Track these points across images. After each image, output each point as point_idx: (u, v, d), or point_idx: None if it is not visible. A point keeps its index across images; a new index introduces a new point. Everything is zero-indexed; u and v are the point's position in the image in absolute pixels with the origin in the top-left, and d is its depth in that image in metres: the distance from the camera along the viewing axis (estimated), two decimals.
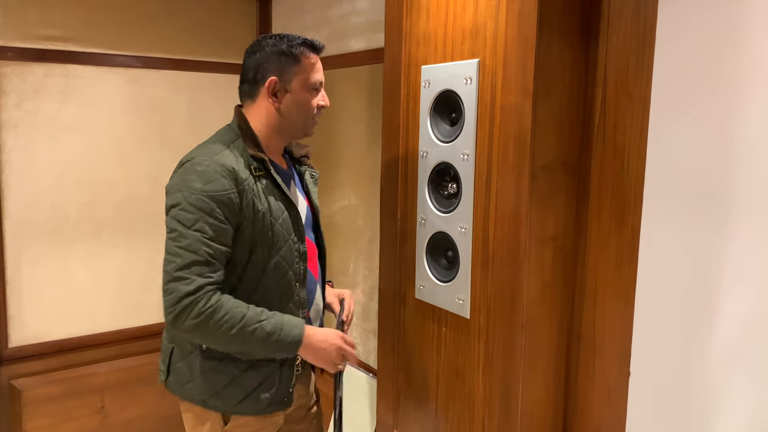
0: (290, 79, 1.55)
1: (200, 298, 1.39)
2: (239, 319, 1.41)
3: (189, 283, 1.39)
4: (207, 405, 1.56)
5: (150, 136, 2.73)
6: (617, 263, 1.42)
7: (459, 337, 1.60)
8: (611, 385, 1.45)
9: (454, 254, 1.61)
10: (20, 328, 2.53)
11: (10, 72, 2.41)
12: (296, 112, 1.57)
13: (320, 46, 1.60)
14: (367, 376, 2.31)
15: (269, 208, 1.52)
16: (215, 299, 1.40)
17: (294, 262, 1.57)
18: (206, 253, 1.41)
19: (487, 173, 1.48)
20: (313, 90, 1.58)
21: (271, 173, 1.55)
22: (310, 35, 2.61)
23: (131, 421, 2.77)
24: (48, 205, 2.53)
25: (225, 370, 1.54)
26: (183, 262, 1.40)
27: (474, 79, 1.49)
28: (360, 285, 2.43)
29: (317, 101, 1.60)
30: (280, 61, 1.54)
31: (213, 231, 1.42)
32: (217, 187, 1.43)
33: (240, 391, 1.54)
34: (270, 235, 1.51)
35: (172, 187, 1.48)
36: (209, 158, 1.46)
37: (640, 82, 1.35)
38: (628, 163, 1.38)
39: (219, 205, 1.42)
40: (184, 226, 1.41)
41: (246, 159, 1.51)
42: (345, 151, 2.48)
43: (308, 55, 1.56)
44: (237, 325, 1.41)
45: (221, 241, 1.43)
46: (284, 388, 1.60)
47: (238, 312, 1.42)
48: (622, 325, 1.42)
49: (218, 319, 1.40)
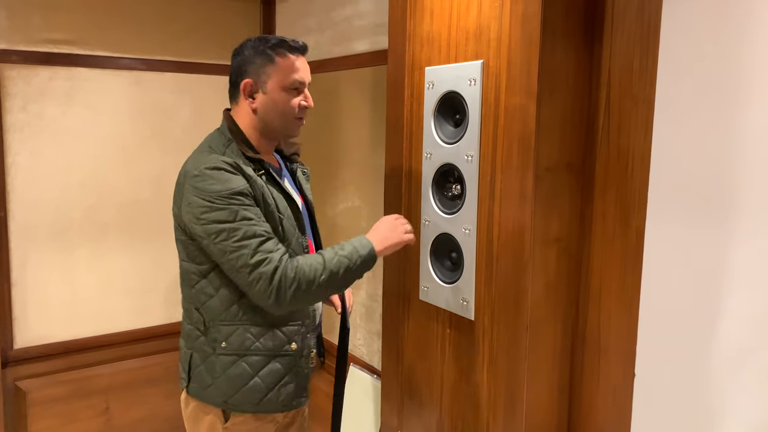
0: (266, 80, 1.57)
1: (285, 268, 1.44)
2: (323, 265, 1.47)
3: (268, 262, 1.43)
4: (228, 406, 1.57)
5: (153, 138, 2.74)
6: (622, 265, 1.42)
7: (463, 338, 1.60)
8: (616, 387, 1.45)
9: (458, 255, 1.61)
10: (25, 329, 2.54)
11: (15, 75, 2.42)
12: (273, 112, 1.58)
13: (299, 45, 1.59)
14: (371, 377, 2.31)
15: (276, 204, 1.55)
16: (294, 263, 1.46)
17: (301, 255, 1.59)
18: (264, 232, 1.46)
19: (491, 174, 1.48)
20: (292, 90, 1.58)
21: (270, 172, 1.57)
22: (314, 37, 2.64)
23: (136, 422, 2.78)
24: (53, 207, 2.54)
25: (244, 369, 1.55)
26: (251, 248, 1.43)
27: (478, 80, 1.49)
28: (363, 287, 2.43)
29: (298, 101, 1.59)
30: (256, 63, 1.57)
31: (254, 214, 1.46)
32: (235, 184, 1.47)
33: (262, 387, 1.56)
34: (280, 230, 1.54)
35: (191, 202, 1.48)
36: (215, 162, 1.48)
37: (644, 83, 1.35)
38: (633, 165, 1.38)
39: (243, 197, 1.46)
40: (230, 222, 1.44)
41: (243, 161, 1.53)
42: (348, 153, 2.48)
43: (285, 55, 1.56)
44: (325, 272, 1.47)
45: (263, 220, 1.48)
46: (303, 380, 1.63)
47: (317, 261, 1.48)
48: (627, 327, 1.41)
49: (309, 276, 1.45)
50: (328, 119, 2.59)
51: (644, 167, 1.35)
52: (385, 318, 1.90)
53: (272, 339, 1.56)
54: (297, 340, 1.59)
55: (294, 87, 1.57)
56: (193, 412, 1.63)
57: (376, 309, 2.35)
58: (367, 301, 2.42)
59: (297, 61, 1.58)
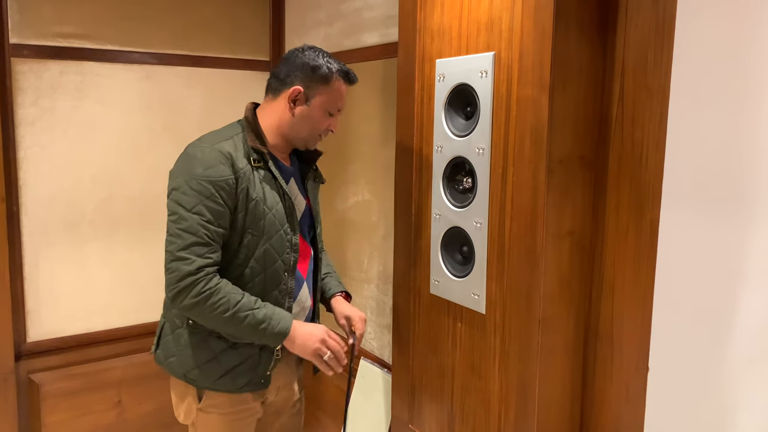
0: (314, 95, 1.62)
1: (200, 279, 1.48)
2: (234, 304, 1.50)
3: (190, 263, 1.48)
4: (187, 379, 1.64)
5: (164, 132, 2.74)
6: (636, 258, 1.40)
7: (474, 332, 1.59)
8: (629, 382, 1.44)
9: (469, 249, 1.60)
10: (38, 323, 2.55)
11: (27, 69, 2.43)
12: (306, 125, 1.65)
13: (354, 79, 1.68)
14: (382, 371, 2.30)
15: (264, 198, 1.58)
16: (214, 282, 1.50)
17: (284, 251, 1.62)
18: (205, 235, 1.50)
19: (503, 167, 1.47)
20: (330, 114, 1.65)
21: (270, 167, 1.61)
22: (324, 30, 2.63)
23: (148, 415, 2.79)
24: (65, 202, 2.55)
25: (207, 346, 1.61)
26: (184, 243, 1.49)
27: (489, 72, 1.47)
28: (374, 281, 2.42)
29: (328, 123, 1.67)
30: (313, 75, 1.61)
31: (211, 214, 1.50)
32: (217, 172, 1.52)
33: (219, 368, 1.61)
34: (262, 224, 1.58)
35: (174, 171, 1.57)
36: (210, 146, 1.55)
37: (659, 74, 1.33)
38: (647, 157, 1.36)
39: (218, 190, 1.51)
40: (185, 209, 1.51)
41: (246, 150, 1.59)
42: (359, 147, 2.47)
43: (340, 81, 1.64)
44: (231, 310, 1.50)
45: (219, 224, 1.52)
46: (262, 370, 1.65)
47: (234, 298, 1.51)
48: (641, 321, 1.40)
49: (215, 301, 1.49)
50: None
51: (659, 159, 1.33)
52: (396, 311, 1.89)
53: None
54: None
55: (332, 113, 1.65)
56: (176, 389, 1.71)
57: (386, 302, 2.34)
58: (378, 295, 2.41)
59: (345, 90, 1.66)
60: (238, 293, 1.53)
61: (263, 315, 1.53)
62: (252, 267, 1.59)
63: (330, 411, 2.67)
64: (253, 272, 1.59)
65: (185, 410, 1.69)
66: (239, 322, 1.51)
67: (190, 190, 1.50)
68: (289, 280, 1.64)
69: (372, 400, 2.32)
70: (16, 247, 2.46)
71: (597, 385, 1.51)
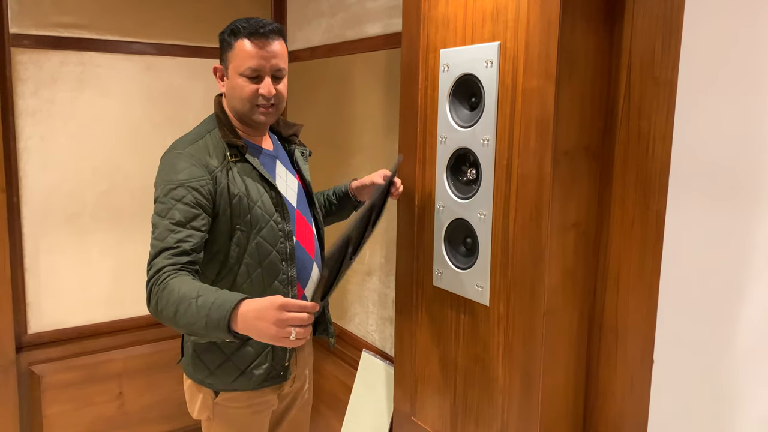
0: (227, 66, 1.59)
1: (156, 281, 1.37)
2: (176, 297, 1.31)
3: (150, 269, 1.41)
4: (205, 384, 1.62)
5: (166, 124, 2.72)
6: (641, 249, 1.39)
7: (478, 324, 1.59)
8: (634, 374, 1.43)
9: (473, 241, 1.59)
10: (39, 315, 2.55)
11: (27, 60, 2.42)
12: (234, 97, 1.59)
13: (262, 30, 1.52)
14: (384, 363, 2.30)
15: (246, 192, 1.55)
16: (168, 280, 1.35)
17: (278, 241, 1.60)
18: (173, 239, 1.42)
19: (508, 159, 1.46)
20: (246, 77, 1.54)
21: (248, 159, 1.58)
22: (326, 20, 2.61)
23: (149, 406, 2.79)
24: (65, 193, 2.54)
25: (217, 349, 1.60)
26: (154, 251, 1.43)
27: (495, 62, 1.46)
28: (376, 273, 2.42)
29: (256, 88, 1.55)
30: (222, 46, 1.60)
31: (182, 215, 1.44)
32: (188, 175, 1.48)
33: (234, 370, 1.60)
34: (249, 218, 1.55)
35: (155, 183, 1.54)
36: (182, 149, 1.53)
37: (667, 65, 1.32)
38: (653, 148, 1.35)
39: (189, 191, 1.47)
40: (160, 217, 1.46)
41: (221, 147, 1.56)
42: (362, 138, 2.46)
43: (241, 41, 1.54)
44: (173, 304, 1.31)
45: (191, 225, 1.45)
46: (279, 362, 1.64)
47: (178, 290, 1.31)
48: (646, 313, 1.39)
49: (165, 299, 1.33)
50: (341, 104, 2.57)
51: (665, 150, 1.32)
52: (398, 303, 1.89)
53: None
54: None
55: (245, 74, 1.54)
56: (189, 389, 1.69)
57: (389, 294, 2.34)
58: (380, 287, 2.40)
59: (253, 46, 1.53)
60: (188, 285, 1.32)
61: (202, 303, 1.28)
62: (247, 263, 1.56)
63: (331, 403, 2.67)
64: (249, 268, 1.57)
65: (200, 406, 1.67)
66: (183, 317, 1.30)
67: (164, 197, 1.47)
68: (289, 268, 1.62)
69: (374, 393, 2.31)
70: (16, 239, 2.45)
71: (601, 378, 1.51)
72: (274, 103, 1.59)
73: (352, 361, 2.53)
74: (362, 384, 2.38)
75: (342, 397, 2.55)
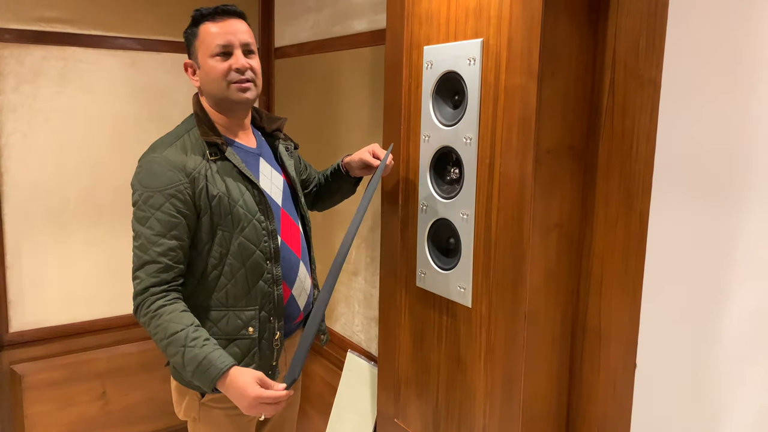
0: (197, 56, 1.57)
1: (145, 300, 1.45)
2: (168, 335, 1.43)
3: (138, 283, 1.46)
4: (191, 386, 1.60)
5: (150, 120, 2.69)
6: (625, 251, 1.37)
7: (460, 326, 1.56)
8: (617, 377, 1.41)
9: (455, 241, 1.56)
10: (21, 313, 2.52)
11: (8, 54, 2.38)
12: (211, 83, 1.56)
13: (215, 11, 1.55)
14: (369, 364, 2.28)
15: (227, 191, 1.53)
16: (157, 305, 1.44)
17: (261, 240, 1.57)
18: (155, 252, 1.45)
19: (491, 158, 1.44)
20: (219, 56, 1.53)
21: (228, 158, 1.55)
22: (313, 16, 2.58)
23: (132, 406, 2.76)
24: (47, 190, 2.51)
25: None
26: (138, 261, 1.47)
27: (477, 59, 1.44)
28: (362, 273, 2.39)
29: (228, 65, 1.53)
30: (186, 40, 1.59)
31: (162, 226, 1.46)
32: (165, 181, 1.47)
33: None
34: (230, 218, 1.53)
35: (132, 185, 1.53)
36: (159, 154, 1.51)
37: (651, 63, 1.29)
38: (637, 148, 1.33)
39: (168, 198, 1.46)
40: (140, 225, 1.48)
41: (200, 146, 1.53)
42: (347, 135, 2.43)
43: (204, 25, 1.56)
44: (165, 340, 1.43)
45: (172, 235, 1.47)
46: (266, 362, 1.61)
47: (171, 328, 1.43)
48: (629, 316, 1.37)
49: (154, 326, 1.44)
50: (327, 101, 2.54)
51: (649, 150, 1.30)
52: (382, 304, 1.86)
53: (228, 323, 1.56)
54: (254, 325, 1.57)
55: (219, 53, 1.53)
56: (176, 390, 1.66)
57: (374, 295, 2.31)
58: (366, 287, 2.38)
59: (216, 27, 1.54)
60: (180, 323, 1.43)
61: (193, 356, 1.40)
62: (230, 264, 1.54)
63: (317, 403, 2.64)
64: (232, 269, 1.54)
65: (186, 406, 1.65)
66: (171, 356, 1.43)
67: (143, 204, 1.47)
68: (274, 267, 1.59)
69: (359, 394, 2.29)
70: None
71: (584, 380, 1.49)
72: (250, 78, 1.55)
73: (337, 361, 2.51)
74: (347, 385, 2.36)
75: (327, 397, 2.53)
